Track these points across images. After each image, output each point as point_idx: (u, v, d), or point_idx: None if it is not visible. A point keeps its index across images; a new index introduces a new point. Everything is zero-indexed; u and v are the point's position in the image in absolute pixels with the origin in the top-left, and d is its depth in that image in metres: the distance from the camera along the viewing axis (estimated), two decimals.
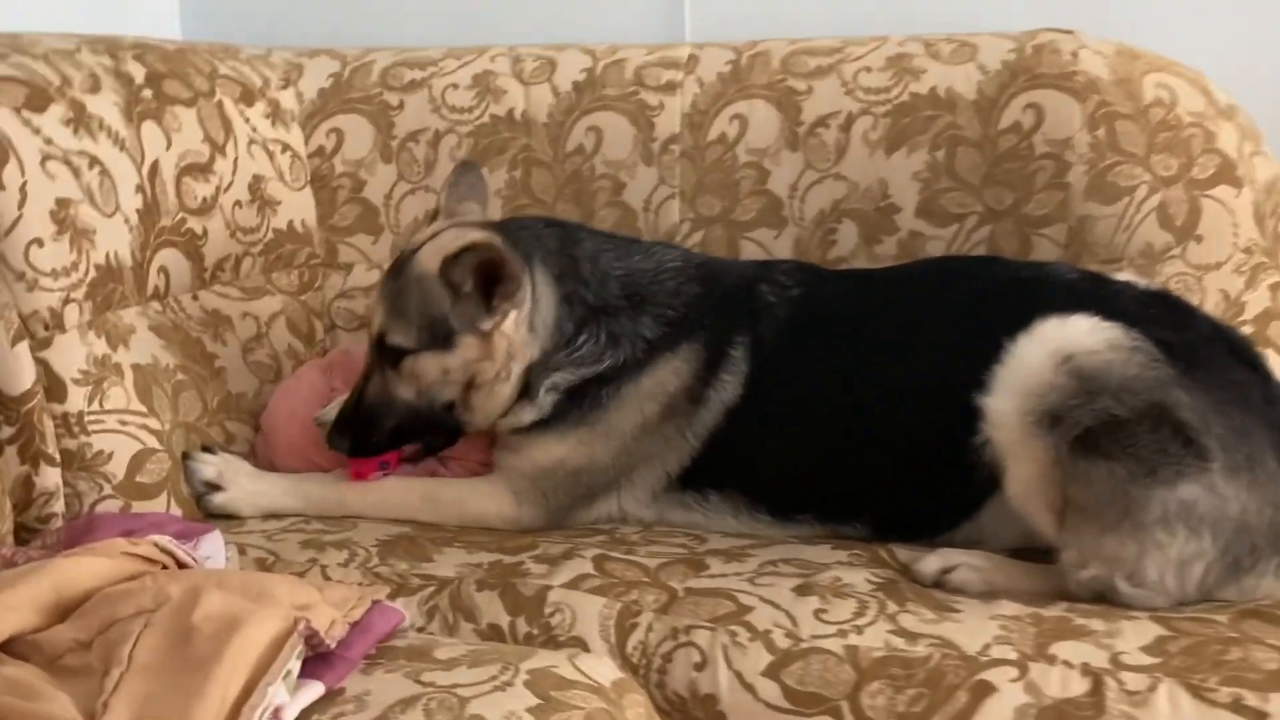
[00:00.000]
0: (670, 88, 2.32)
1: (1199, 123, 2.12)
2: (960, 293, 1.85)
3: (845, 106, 2.23)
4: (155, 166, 2.03)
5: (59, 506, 1.79)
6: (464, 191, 2.12)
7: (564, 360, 1.93)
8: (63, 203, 1.81)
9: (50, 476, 1.77)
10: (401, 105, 2.41)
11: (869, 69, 2.24)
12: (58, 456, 1.78)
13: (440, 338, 1.88)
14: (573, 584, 1.70)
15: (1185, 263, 2.07)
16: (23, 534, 1.74)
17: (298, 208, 2.38)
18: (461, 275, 1.85)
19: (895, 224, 2.22)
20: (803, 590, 1.65)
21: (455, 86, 2.40)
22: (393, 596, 1.64)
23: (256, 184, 2.28)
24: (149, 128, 2.03)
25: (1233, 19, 2.38)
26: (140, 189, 1.99)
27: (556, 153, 2.35)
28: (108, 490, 1.81)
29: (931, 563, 1.72)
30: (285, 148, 2.37)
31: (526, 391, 1.94)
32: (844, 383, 1.85)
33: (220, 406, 2.08)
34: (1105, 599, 1.62)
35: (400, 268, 1.96)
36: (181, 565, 1.59)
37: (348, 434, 1.94)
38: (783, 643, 1.56)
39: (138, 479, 1.84)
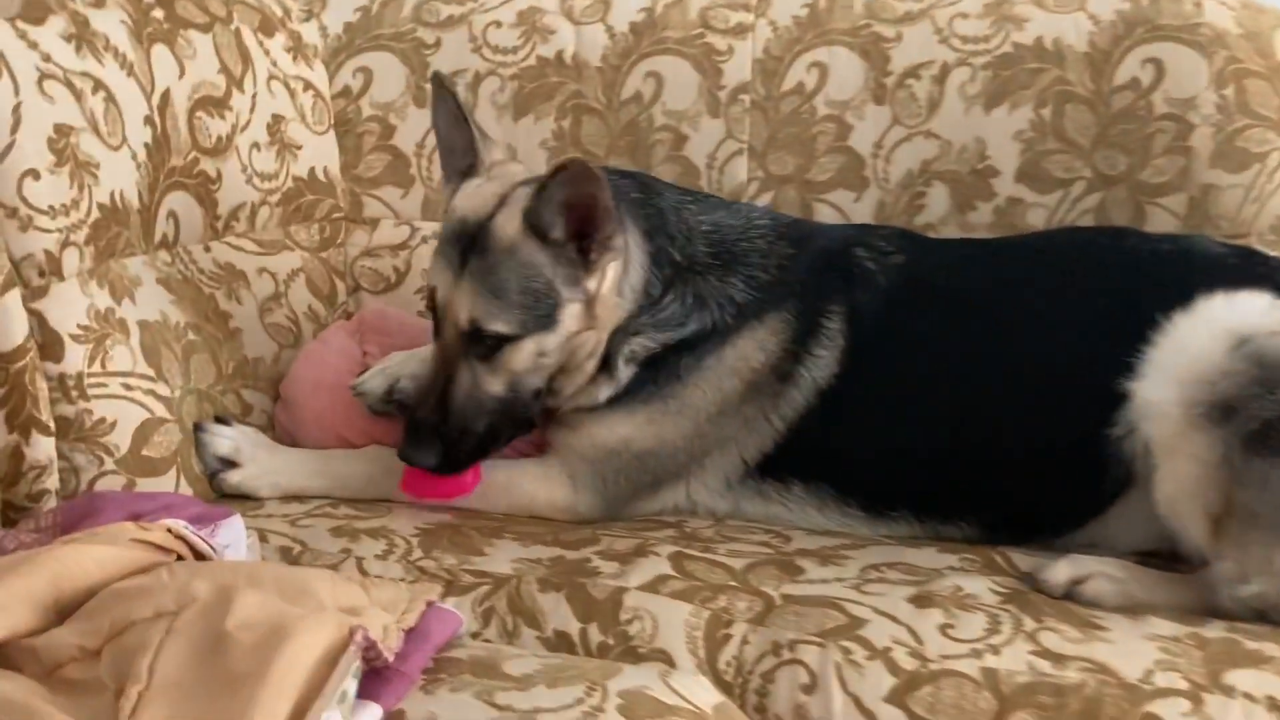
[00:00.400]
0: (740, 31, 2.08)
1: None
2: (1091, 266, 1.64)
3: (939, 56, 2.00)
4: (166, 97, 1.78)
5: (52, 482, 1.54)
6: (487, 140, 1.78)
7: (646, 324, 1.69)
8: (62, 130, 1.55)
9: (43, 447, 1.52)
10: (438, 44, 2.16)
11: (965, 15, 2.01)
12: (52, 424, 1.53)
13: (544, 316, 1.61)
14: (651, 586, 1.47)
15: None
16: (10, 514, 1.50)
17: (320, 154, 2.13)
18: (550, 216, 1.57)
19: (992, 188, 1.99)
20: (921, 601, 1.43)
21: (498, 24, 2.16)
22: (443, 596, 1.41)
23: (276, 125, 2.03)
24: (160, 52, 1.78)
25: None
26: (149, 121, 1.74)
27: (610, 100, 2.11)
28: (109, 465, 1.57)
29: (1061, 571, 1.50)
30: (307, 86, 2.12)
31: (605, 363, 1.70)
32: (956, 362, 1.63)
33: (236, 372, 1.83)
34: (1267, 618, 1.41)
35: (479, 243, 1.63)
36: (199, 555, 1.36)
37: (435, 444, 1.63)
38: (907, 663, 1.34)
39: (144, 452, 1.60)
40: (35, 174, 1.51)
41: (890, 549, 1.62)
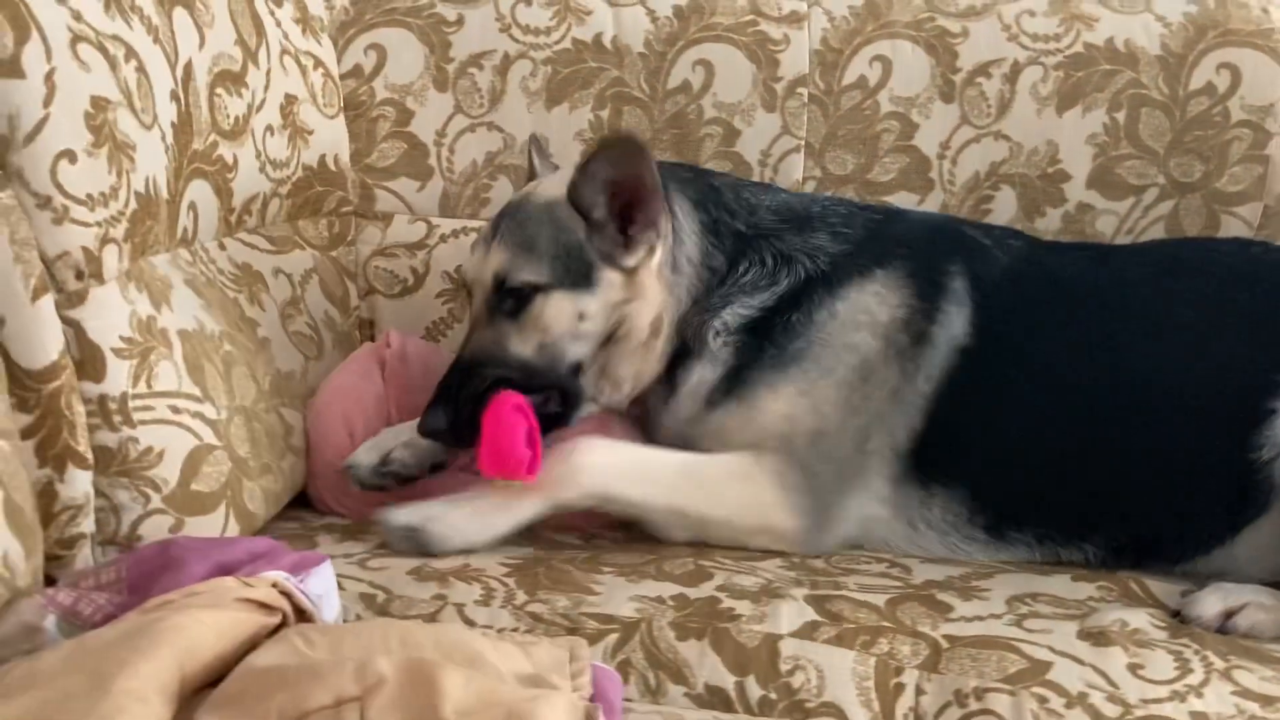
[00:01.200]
0: (796, 19, 1.95)
1: None
2: (1225, 276, 1.57)
3: (1009, 54, 1.91)
4: (189, 70, 1.53)
5: (88, 525, 1.29)
6: (546, 161, 1.83)
7: (728, 295, 1.61)
8: (99, 104, 1.30)
9: (79, 483, 1.27)
10: (461, 21, 1.96)
11: (1032, 13, 1.93)
12: (90, 456, 1.28)
13: (578, 273, 1.55)
14: (804, 633, 1.32)
15: None
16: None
17: (330, 140, 1.90)
18: (592, 195, 1.55)
19: (1063, 194, 1.92)
20: (1096, 639, 1.32)
21: (527, 2, 1.96)
22: None
23: (289, 105, 1.79)
24: (181, 16, 1.52)
25: None
26: (175, 97, 1.49)
27: (655, 89, 1.95)
28: (156, 502, 1.32)
29: (1212, 604, 1.42)
30: (317, 63, 1.88)
31: (687, 350, 1.60)
32: (1089, 354, 1.54)
33: (273, 388, 1.59)
34: None
35: (515, 207, 1.62)
36: (301, 613, 1.14)
37: (440, 407, 1.52)
38: (1109, 709, 1.23)
39: (193, 486, 1.35)
40: (71, 156, 1.25)
41: (1022, 578, 1.51)
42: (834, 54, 1.94)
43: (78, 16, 1.30)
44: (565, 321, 1.55)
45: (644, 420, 1.65)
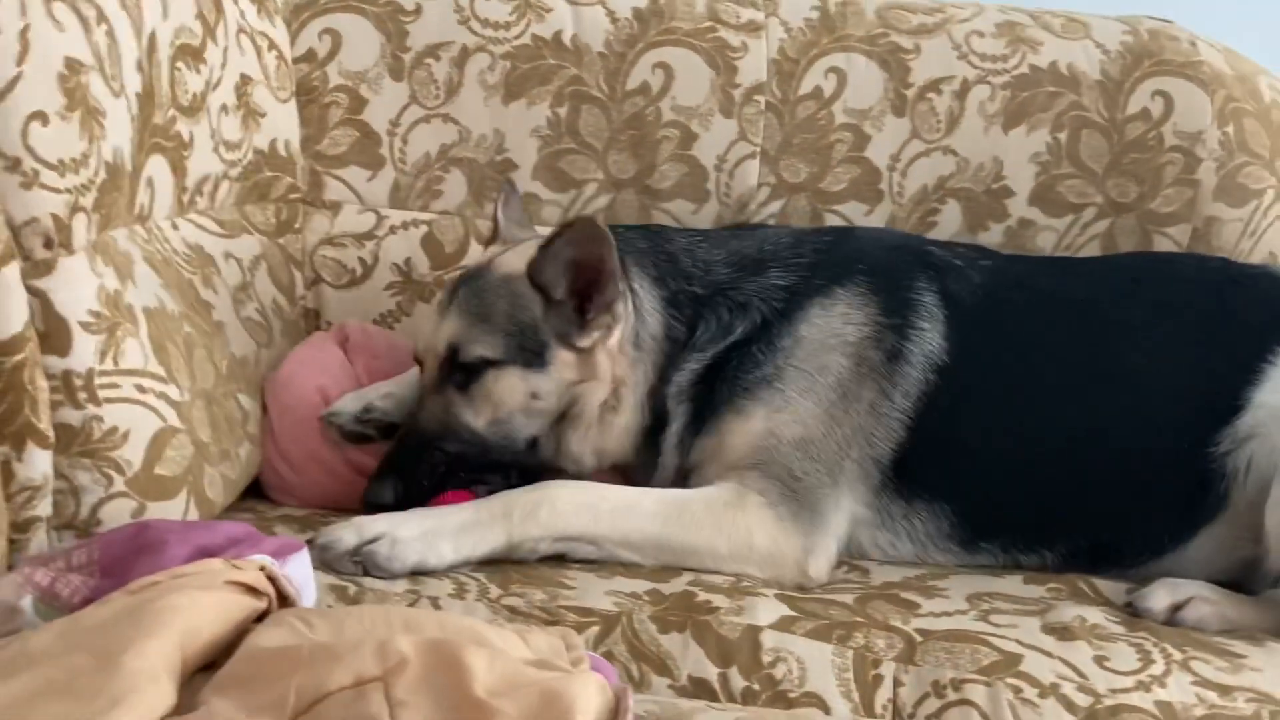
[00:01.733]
0: (754, 28, 1.97)
1: None
2: (1185, 287, 1.64)
3: (959, 72, 1.97)
4: (153, 41, 1.47)
5: (44, 508, 1.22)
6: (517, 215, 1.78)
7: (685, 359, 1.60)
8: (73, 66, 1.24)
9: (38, 463, 1.21)
10: (419, 10, 1.92)
11: (980, 33, 1.99)
12: (51, 434, 1.21)
13: (531, 351, 1.52)
14: (783, 625, 1.33)
15: None
16: None
17: (281, 124, 1.84)
18: (554, 274, 1.52)
19: (1006, 209, 1.98)
20: (1060, 634, 1.37)
21: None
22: None
23: (244, 86, 1.74)
24: None
25: None
26: (140, 67, 1.43)
27: (614, 89, 1.95)
28: (118, 485, 1.26)
29: (1160, 596, 1.48)
30: (271, 44, 1.83)
31: (662, 423, 1.59)
32: (1064, 365, 1.58)
33: (230, 373, 1.53)
34: None
35: (473, 275, 1.59)
36: (284, 598, 1.11)
37: (388, 478, 1.48)
38: (1080, 699, 1.27)
39: (156, 470, 1.30)
40: (44, 118, 1.20)
41: (976, 578, 1.55)
42: (791, 64, 1.97)
43: None
44: (517, 399, 1.52)
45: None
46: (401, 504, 1.45)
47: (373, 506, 1.46)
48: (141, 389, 1.29)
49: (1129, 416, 1.56)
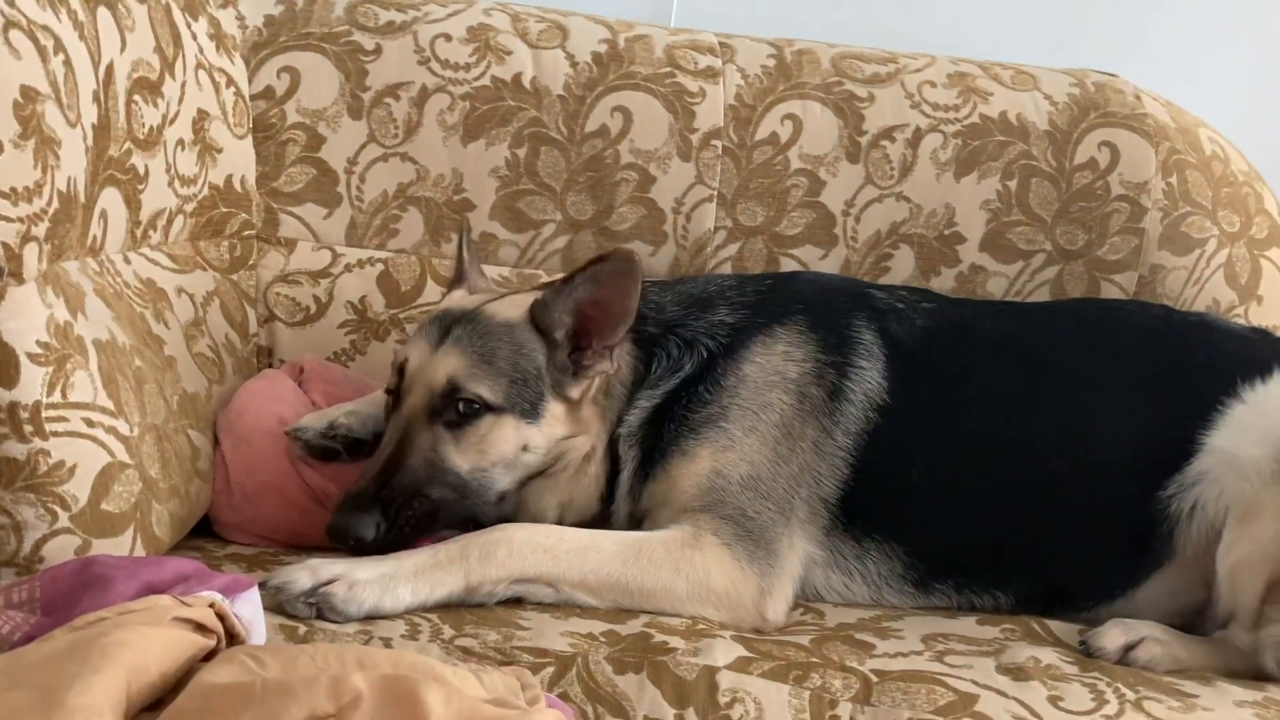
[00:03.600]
0: (711, 74, 2.00)
1: (1249, 182, 2.09)
2: (1130, 333, 1.66)
3: (912, 120, 2.01)
4: (110, 73, 1.46)
5: None
6: (473, 252, 1.77)
7: (636, 399, 1.60)
8: (29, 94, 1.23)
9: None
10: (378, 50, 1.93)
11: (933, 83, 2.04)
12: None
13: (528, 402, 1.52)
14: (740, 666, 1.32)
15: (1246, 322, 2.00)
16: None
17: (238, 161, 1.83)
18: (562, 313, 1.52)
19: (957, 255, 2.01)
20: (1014, 674, 1.37)
21: (447, 37, 1.95)
22: None
23: (201, 121, 1.73)
24: (104, 17, 1.46)
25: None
26: (96, 98, 1.42)
27: (573, 132, 1.96)
28: (63, 521, 1.23)
29: (1113, 636, 1.49)
30: (229, 81, 1.83)
31: (618, 470, 1.58)
32: (1010, 407, 1.60)
33: (181, 408, 1.51)
34: None
35: (468, 317, 1.55)
36: (233, 636, 1.09)
37: (375, 514, 1.43)
38: None
39: (103, 506, 1.27)
40: None
41: (931, 620, 1.56)
42: (748, 110, 1.99)
43: (10, 1, 1.23)
44: (508, 449, 1.51)
45: None
46: (382, 547, 1.42)
47: (341, 536, 1.42)
48: (90, 423, 1.26)
49: (1071, 461, 1.58)
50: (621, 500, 1.59)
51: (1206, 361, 1.59)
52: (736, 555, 1.46)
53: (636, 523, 1.58)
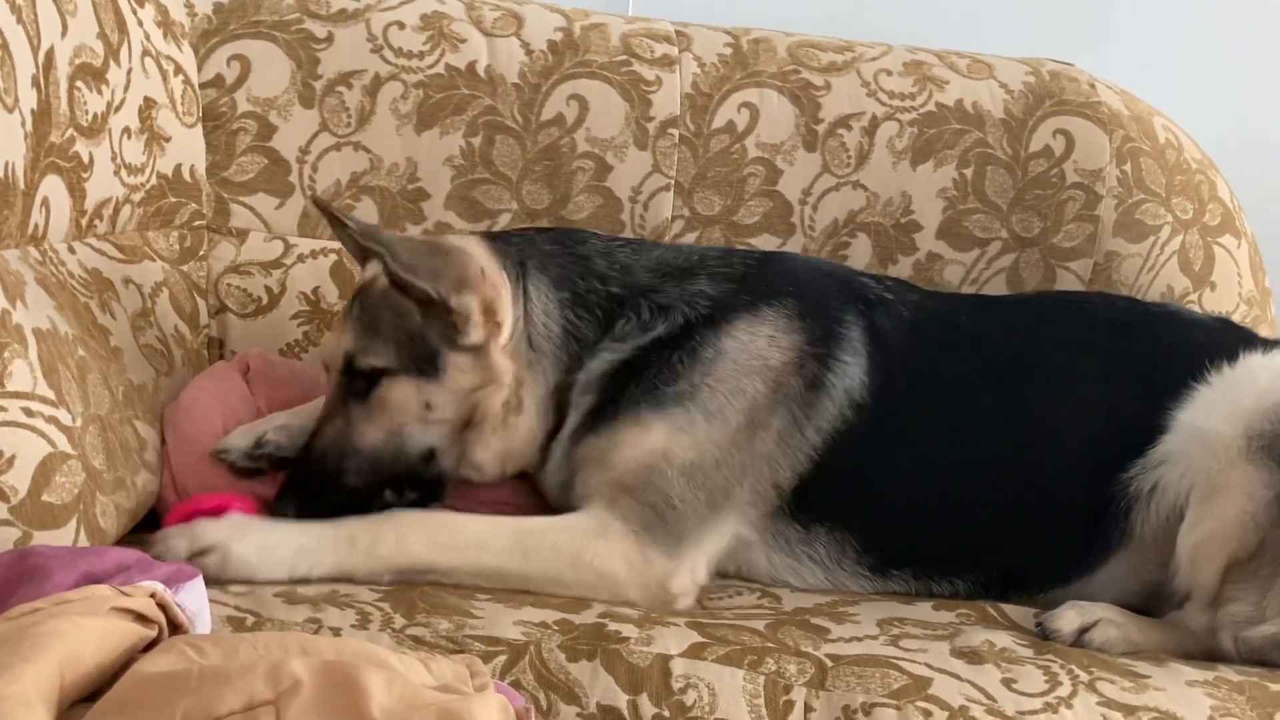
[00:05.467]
0: (667, 63, 1.99)
1: (1202, 170, 2.10)
2: (1096, 324, 1.67)
3: (868, 108, 2.01)
4: (50, 58, 1.43)
5: None
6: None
7: (600, 350, 1.57)
8: None
9: None
10: (330, 39, 1.90)
11: (889, 72, 2.04)
12: None
13: (424, 359, 1.51)
14: (694, 653, 1.31)
15: (1200, 309, 2.02)
16: None
17: (187, 150, 1.80)
18: (425, 279, 1.50)
19: (914, 243, 2.02)
20: (969, 657, 1.37)
21: (400, 25, 1.93)
22: None
23: (148, 109, 1.70)
24: (44, 2, 1.43)
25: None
26: (36, 83, 1.39)
27: (528, 120, 1.94)
28: (1, 513, 1.20)
29: (1069, 619, 1.50)
30: (178, 69, 1.80)
31: (564, 417, 1.57)
32: (984, 402, 1.59)
33: (126, 399, 1.48)
34: (1267, 661, 1.47)
35: (365, 287, 1.57)
36: (175, 626, 1.07)
37: (295, 493, 1.48)
38: None
39: (44, 497, 1.24)
40: None
41: (887, 605, 1.56)
42: (704, 98, 1.99)
43: None
44: (412, 408, 1.50)
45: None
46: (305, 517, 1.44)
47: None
48: (29, 412, 1.24)
49: (1036, 455, 1.58)
50: (560, 444, 1.56)
51: (1172, 350, 1.60)
52: (642, 542, 1.45)
53: (570, 473, 1.56)
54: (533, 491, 1.62)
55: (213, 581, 1.30)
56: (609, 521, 1.46)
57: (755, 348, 1.55)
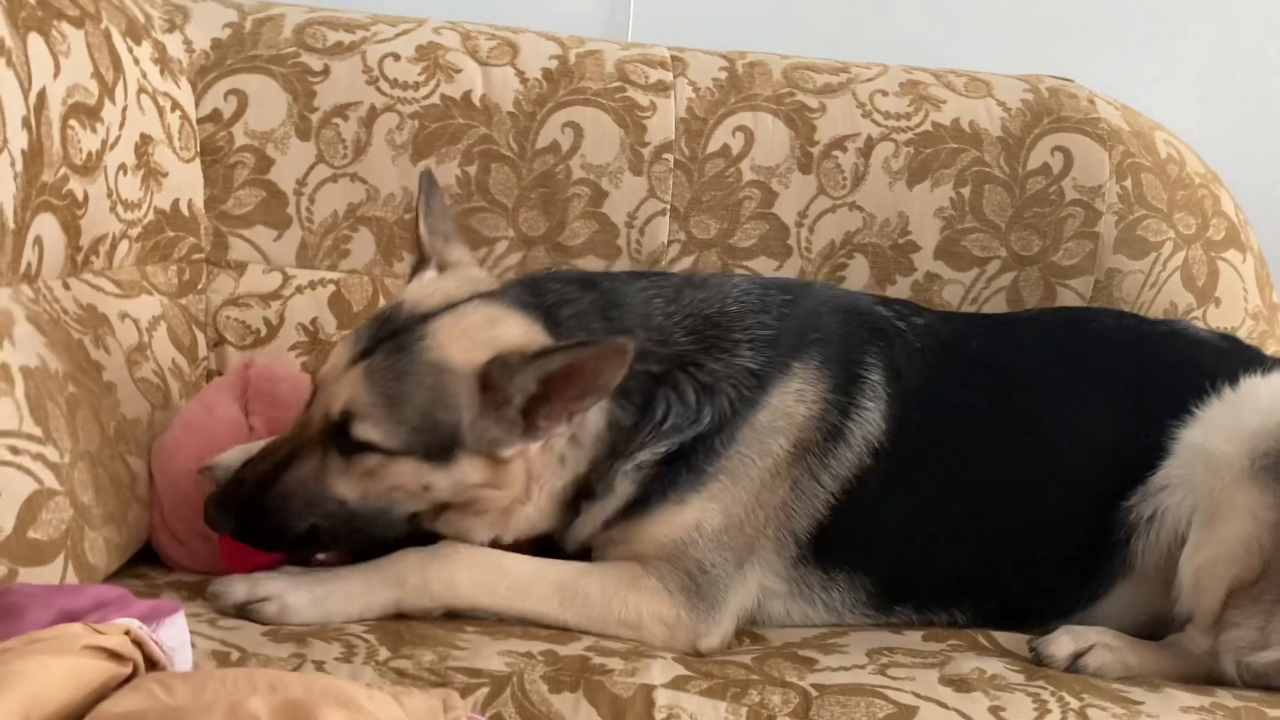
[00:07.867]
0: (662, 88, 2.00)
1: (1205, 185, 2.08)
2: (1105, 344, 1.64)
3: (863, 129, 2.00)
4: (43, 98, 1.46)
5: None
6: (438, 217, 1.60)
7: (644, 441, 1.48)
8: None
9: None
10: (326, 71, 1.93)
11: (884, 92, 2.03)
12: None
13: (437, 449, 1.38)
14: (677, 684, 1.31)
15: (1204, 325, 1.99)
16: None
17: (185, 184, 1.83)
18: (526, 382, 1.37)
19: (912, 264, 2.01)
20: (957, 685, 1.36)
21: (395, 57, 1.95)
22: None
23: (144, 145, 1.72)
24: (36, 43, 1.46)
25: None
26: (27, 124, 1.41)
27: (524, 148, 1.96)
28: None
29: (1064, 644, 1.48)
30: (175, 105, 1.82)
31: (588, 494, 1.50)
32: (997, 446, 1.57)
33: (119, 434, 1.50)
34: (1269, 685, 1.44)
35: (400, 345, 1.40)
36: (153, 665, 1.07)
37: (234, 513, 1.40)
38: None
39: (30, 534, 1.26)
40: None
41: (877, 634, 1.55)
42: (699, 123, 1.99)
43: None
44: (407, 487, 1.41)
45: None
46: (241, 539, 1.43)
47: (210, 522, 1.41)
48: (15, 450, 1.25)
49: (1043, 484, 1.56)
50: (587, 523, 1.50)
51: (1178, 373, 1.57)
52: (676, 602, 1.45)
53: (597, 545, 1.53)
54: None
55: (270, 624, 1.35)
56: (643, 578, 1.45)
57: (783, 406, 1.51)
